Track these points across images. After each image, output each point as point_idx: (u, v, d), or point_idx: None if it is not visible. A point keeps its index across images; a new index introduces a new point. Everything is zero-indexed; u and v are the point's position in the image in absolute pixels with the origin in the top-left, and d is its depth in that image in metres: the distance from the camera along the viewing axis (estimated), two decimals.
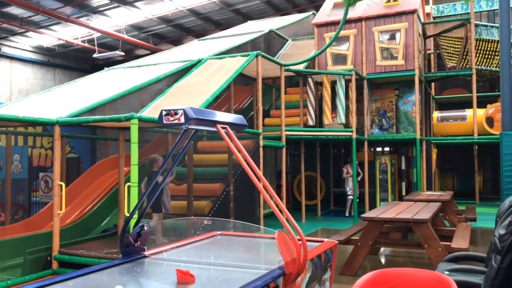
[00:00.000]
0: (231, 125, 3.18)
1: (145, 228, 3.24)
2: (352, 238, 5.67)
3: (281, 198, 11.03)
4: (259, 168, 8.57)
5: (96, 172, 8.63)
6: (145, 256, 3.12)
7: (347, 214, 11.33)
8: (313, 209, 12.00)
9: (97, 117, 5.61)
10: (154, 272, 2.93)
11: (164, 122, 2.76)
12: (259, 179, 2.86)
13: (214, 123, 2.99)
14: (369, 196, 11.18)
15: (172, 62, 8.96)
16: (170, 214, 6.21)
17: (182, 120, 2.68)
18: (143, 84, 7.41)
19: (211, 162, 8.01)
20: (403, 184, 11.54)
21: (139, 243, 3.21)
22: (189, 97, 7.12)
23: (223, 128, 3.09)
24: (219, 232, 3.99)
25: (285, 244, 2.67)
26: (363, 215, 5.32)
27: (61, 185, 5.59)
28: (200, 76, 8.05)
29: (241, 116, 3.42)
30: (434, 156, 12.84)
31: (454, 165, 16.09)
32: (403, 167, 11.73)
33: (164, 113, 2.73)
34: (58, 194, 5.57)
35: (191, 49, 11.38)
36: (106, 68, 9.84)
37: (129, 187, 5.11)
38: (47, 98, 8.06)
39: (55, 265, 5.64)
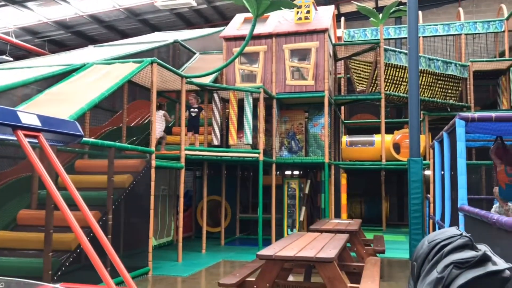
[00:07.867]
0: (49, 132, 2.13)
1: None
2: (248, 279, 4.73)
3: (177, 226, 9.83)
4: (149, 192, 7.41)
5: None
6: None
7: None
8: (218, 237, 11.00)
9: None
10: None
11: None
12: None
13: (12, 127, 1.94)
14: (276, 222, 10.43)
15: (51, 66, 7.59)
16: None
17: None
18: (2, 87, 6.00)
19: (89, 184, 6.69)
20: (303, 209, 10.86)
21: None
22: (61, 105, 5.86)
23: (31, 136, 2.04)
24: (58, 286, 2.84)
25: None
26: (259, 253, 4.40)
27: None
28: (80, 82, 6.79)
29: (74, 121, 2.36)
30: (344, 181, 12.49)
31: (362, 190, 16.02)
32: (306, 191, 11.08)
33: None
34: None
35: (82, 55, 10.00)
36: None
37: None
38: None
39: None
